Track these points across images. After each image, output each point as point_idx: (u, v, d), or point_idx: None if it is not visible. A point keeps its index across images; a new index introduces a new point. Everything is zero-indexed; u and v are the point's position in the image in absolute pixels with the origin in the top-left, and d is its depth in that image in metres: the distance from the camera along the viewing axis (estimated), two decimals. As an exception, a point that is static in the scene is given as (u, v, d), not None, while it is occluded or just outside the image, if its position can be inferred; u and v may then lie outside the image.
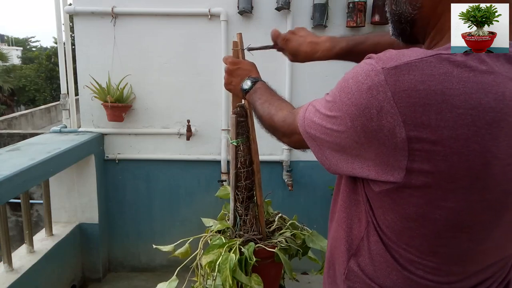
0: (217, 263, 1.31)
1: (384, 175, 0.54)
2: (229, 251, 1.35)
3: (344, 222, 0.69)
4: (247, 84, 0.99)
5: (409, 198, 0.54)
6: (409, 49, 0.53)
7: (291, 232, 1.58)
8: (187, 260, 1.57)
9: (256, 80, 0.99)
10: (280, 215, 1.71)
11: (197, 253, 1.52)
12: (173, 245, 1.60)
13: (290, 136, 0.75)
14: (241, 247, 1.39)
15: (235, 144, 1.43)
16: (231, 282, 1.28)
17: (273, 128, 0.82)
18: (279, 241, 1.51)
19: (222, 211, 1.74)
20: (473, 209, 0.53)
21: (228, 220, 1.62)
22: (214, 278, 1.34)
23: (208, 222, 1.66)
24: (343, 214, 0.70)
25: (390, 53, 0.53)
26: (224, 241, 1.40)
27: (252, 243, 1.42)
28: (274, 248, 1.45)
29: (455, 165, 0.49)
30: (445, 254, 0.58)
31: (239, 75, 1.05)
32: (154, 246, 1.65)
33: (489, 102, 0.48)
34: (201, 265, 1.46)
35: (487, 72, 0.49)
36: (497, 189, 0.52)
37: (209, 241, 1.48)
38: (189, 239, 1.63)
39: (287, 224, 1.65)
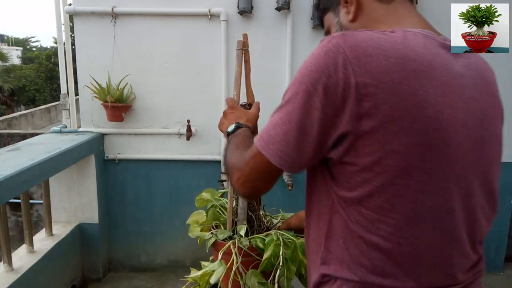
0: (280, 255, 1.30)
1: (340, 128, 0.63)
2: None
3: (315, 214, 0.76)
4: (231, 127, 1.04)
5: (363, 149, 0.63)
6: None
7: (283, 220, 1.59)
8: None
9: (241, 126, 1.03)
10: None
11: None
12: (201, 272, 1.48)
13: (244, 169, 0.75)
14: None
15: None
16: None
17: (229, 168, 0.81)
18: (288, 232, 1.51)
19: (206, 224, 1.62)
20: (416, 152, 0.62)
21: (224, 225, 1.58)
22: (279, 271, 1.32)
23: (206, 235, 1.57)
24: (313, 208, 0.77)
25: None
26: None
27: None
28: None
29: (394, 106, 0.61)
30: (401, 207, 0.64)
31: (231, 119, 1.11)
32: (182, 279, 1.42)
33: (411, 56, 0.62)
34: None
35: (410, 39, 0.65)
36: (433, 134, 0.62)
37: (239, 245, 1.42)
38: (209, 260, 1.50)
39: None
